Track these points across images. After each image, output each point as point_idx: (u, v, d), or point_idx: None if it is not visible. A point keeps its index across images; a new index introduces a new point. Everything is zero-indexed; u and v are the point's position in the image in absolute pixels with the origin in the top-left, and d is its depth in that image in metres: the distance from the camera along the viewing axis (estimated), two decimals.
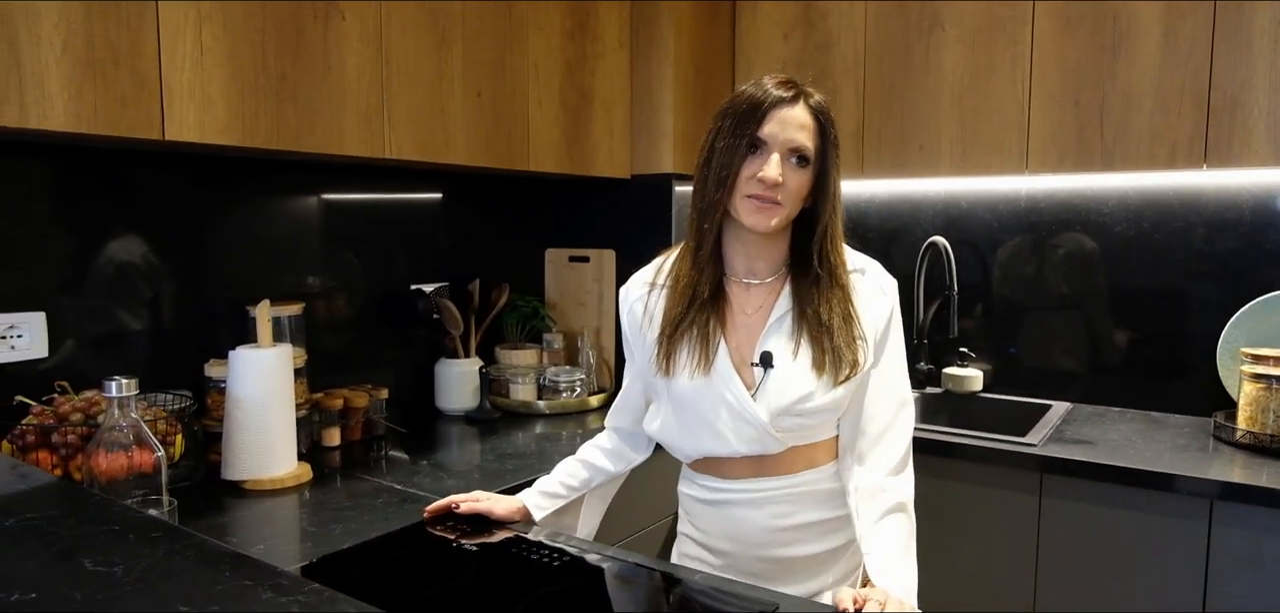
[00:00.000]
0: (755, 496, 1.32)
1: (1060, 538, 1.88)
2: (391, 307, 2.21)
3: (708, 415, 1.29)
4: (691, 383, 1.29)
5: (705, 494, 1.37)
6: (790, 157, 1.23)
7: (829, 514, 1.33)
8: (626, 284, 1.45)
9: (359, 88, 1.68)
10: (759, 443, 1.28)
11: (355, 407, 1.96)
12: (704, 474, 1.37)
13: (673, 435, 1.36)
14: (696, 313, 1.30)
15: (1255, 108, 1.87)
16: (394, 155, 1.75)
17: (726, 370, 1.28)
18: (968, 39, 2.21)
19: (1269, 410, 1.91)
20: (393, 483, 1.67)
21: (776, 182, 1.21)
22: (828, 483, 1.33)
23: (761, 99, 1.23)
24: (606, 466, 1.49)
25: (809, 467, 1.32)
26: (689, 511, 1.43)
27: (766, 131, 1.23)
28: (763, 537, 1.32)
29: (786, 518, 1.31)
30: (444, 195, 2.35)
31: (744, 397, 1.27)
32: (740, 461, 1.31)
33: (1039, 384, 2.44)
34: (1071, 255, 2.37)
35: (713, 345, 1.29)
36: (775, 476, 1.31)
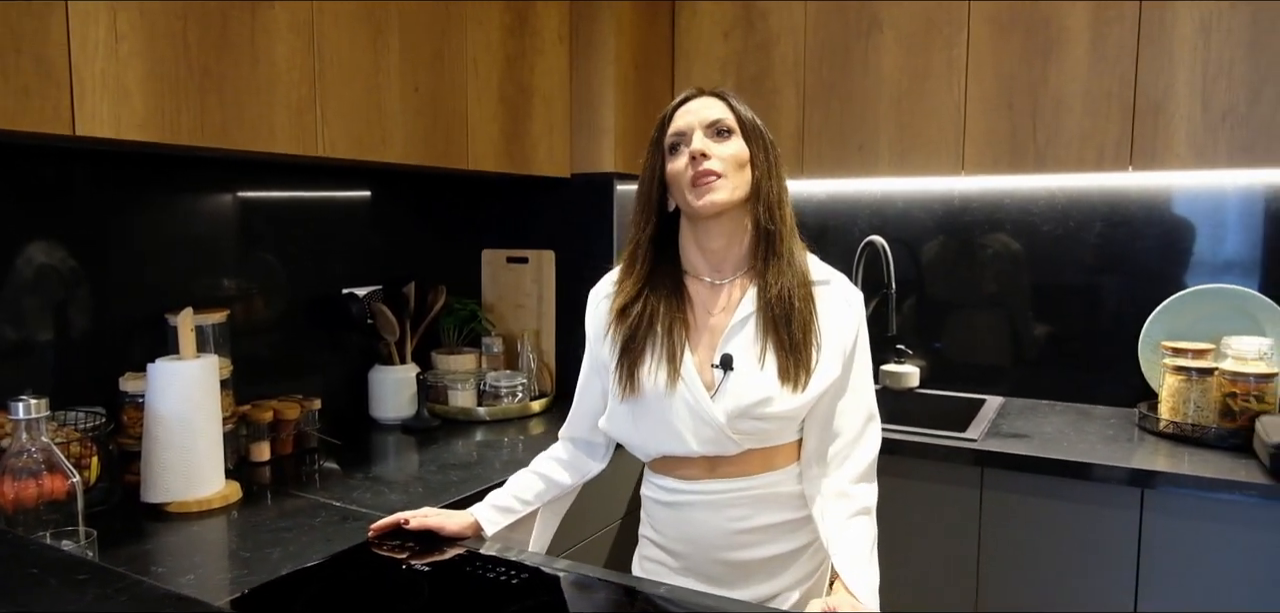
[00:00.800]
0: (712, 497, 1.30)
1: (1000, 530, 1.92)
2: (322, 311, 2.10)
3: (666, 415, 1.28)
4: (655, 391, 1.28)
5: (664, 496, 1.35)
6: (710, 131, 1.26)
7: (788, 517, 1.31)
8: (596, 287, 1.43)
9: (290, 81, 1.58)
10: (716, 444, 1.27)
11: (286, 419, 1.85)
12: (662, 475, 1.36)
13: (630, 433, 1.34)
14: (656, 322, 1.29)
15: (1177, 113, 1.95)
16: (328, 153, 1.65)
17: (688, 372, 1.27)
18: (905, 41, 2.24)
19: (1190, 401, 1.99)
20: (331, 499, 1.58)
21: (703, 153, 1.23)
22: (787, 486, 1.31)
23: (667, 109, 1.32)
24: (562, 478, 1.45)
25: (767, 470, 1.30)
26: (649, 513, 1.41)
27: (679, 125, 1.28)
28: (720, 539, 1.30)
29: (744, 520, 1.30)
30: (375, 194, 2.25)
31: (703, 397, 1.25)
32: (697, 461, 1.30)
33: (972, 380, 2.51)
34: (1001, 254, 2.43)
35: (677, 352, 1.27)
36: (733, 477, 1.29)
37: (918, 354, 2.57)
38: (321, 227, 2.11)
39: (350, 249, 2.19)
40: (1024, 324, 2.43)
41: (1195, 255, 2.21)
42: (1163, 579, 1.78)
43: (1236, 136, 1.90)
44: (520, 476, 1.45)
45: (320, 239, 2.11)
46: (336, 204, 2.16)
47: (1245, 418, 1.90)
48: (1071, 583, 1.86)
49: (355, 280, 2.18)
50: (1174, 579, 1.77)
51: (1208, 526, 1.73)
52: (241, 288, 1.93)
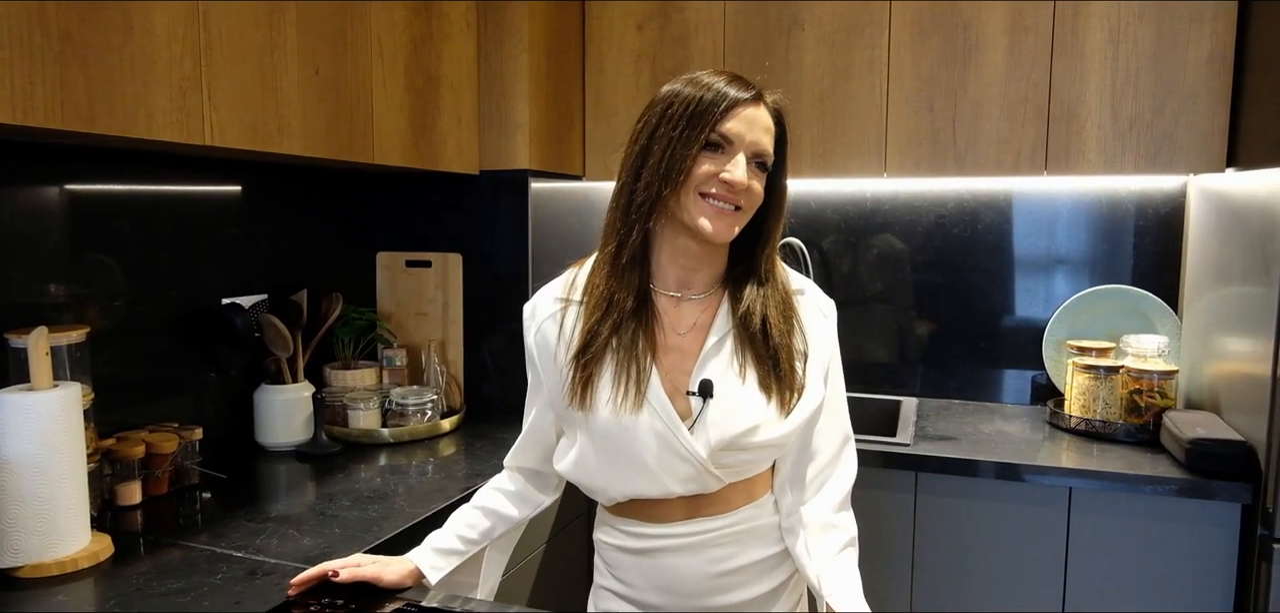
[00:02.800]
0: (691, 540, 1.16)
1: (934, 532, 1.92)
2: (198, 325, 1.82)
3: (635, 452, 1.12)
4: (619, 418, 1.11)
5: (631, 542, 1.20)
6: (753, 160, 1.11)
7: (769, 552, 1.20)
8: (532, 301, 1.25)
9: (171, 54, 1.32)
10: (696, 483, 1.13)
11: (161, 453, 1.58)
12: (628, 519, 1.20)
13: (592, 475, 1.18)
14: (621, 333, 1.13)
15: (1089, 120, 2.02)
16: (217, 142, 1.41)
17: (659, 400, 1.12)
18: (827, 40, 2.21)
19: (1098, 399, 2.07)
20: (231, 549, 1.35)
21: (744, 184, 1.09)
22: (767, 517, 1.20)
23: (722, 95, 1.10)
24: (511, 511, 1.29)
25: (748, 502, 1.18)
26: (610, 561, 1.25)
27: (732, 130, 1.09)
28: (700, 585, 1.17)
29: (726, 562, 1.17)
30: (248, 189, 1.97)
31: (680, 430, 1.11)
32: (672, 502, 1.16)
33: (885, 381, 2.52)
34: (914, 255, 2.46)
35: (645, 373, 1.12)
36: (712, 515, 1.16)
37: None
38: (193, 227, 1.83)
39: (229, 253, 1.91)
40: (935, 325, 2.46)
41: (1093, 256, 2.30)
42: (1089, 574, 1.82)
43: (1142, 144, 1.98)
44: (463, 512, 1.29)
45: (194, 242, 1.83)
46: (209, 201, 1.88)
47: (1151, 413, 1.99)
48: (1003, 581, 1.88)
49: (235, 288, 1.91)
50: (1099, 574, 1.82)
51: (1129, 521, 1.79)
52: (99, 301, 1.63)
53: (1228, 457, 1.72)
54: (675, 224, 1.14)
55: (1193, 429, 1.79)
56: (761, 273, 1.18)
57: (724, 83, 1.11)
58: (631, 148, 1.14)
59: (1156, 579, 1.78)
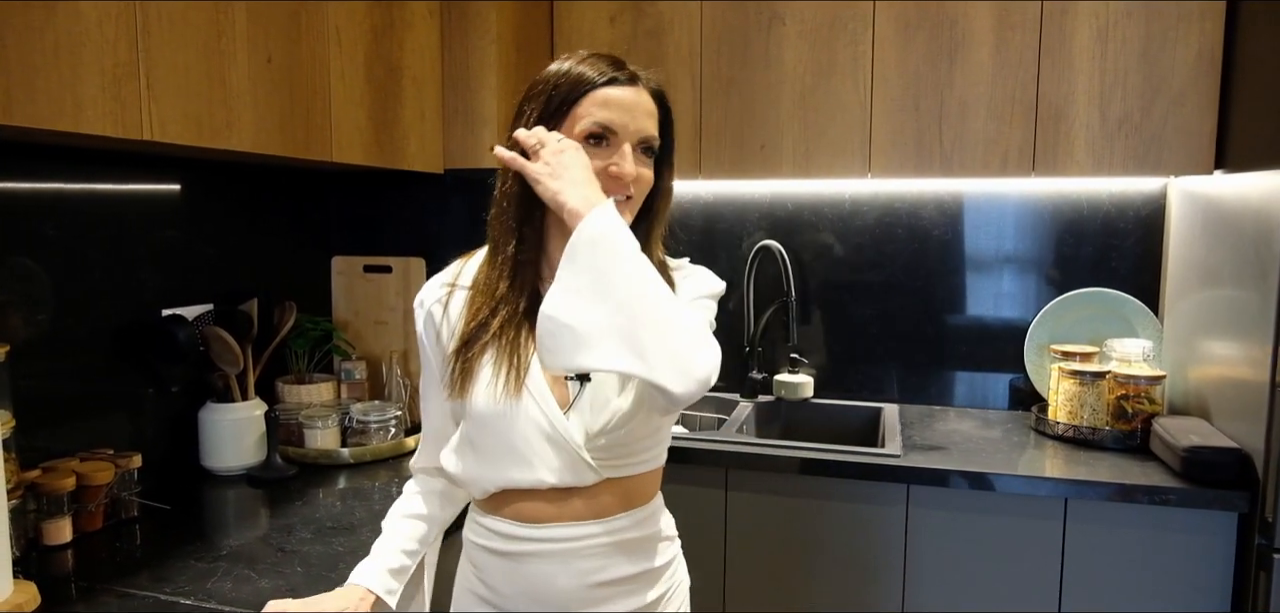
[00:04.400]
0: (561, 547, 1.09)
1: (926, 544, 1.85)
2: (136, 339, 1.65)
3: (510, 438, 1.07)
4: (496, 404, 1.06)
5: (499, 543, 1.12)
6: (639, 147, 1.08)
7: (645, 566, 1.14)
8: (421, 292, 1.17)
9: (102, 39, 1.17)
10: (571, 472, 1.08)
11: (94, 484, 1.41)
12: (498, 517, 1.12)
13: (469, 466, 1.12)
14: (504, 323, 1.08)
15: (1077, 120, 1.97)
16: (159, 137, 1.26)
17: (537, 385, 1.07)
18: (809, 35, 2.13)
19: (1085, 404, 2.03)
20: (177, 594, 1.20)
21: (633, 176, 1.06)
22: (645, 529, 1.15)
23: (592, 79, 1.05)
24: (438, 511, 1.24)
25: (626, 508, 1.12)
26: (477, 562, 1.16)
27: (614, 121, 1.05)
28: (568, 597, 1.10)
29: (598, 573, 1.10)
30: (194, 188, 1.80)
31: (556, 414, 1.07)
32: (545, 497, 1.09)
33: (863, 387, 2.46)
34: (893, 258, 2.40)
35: (526, 361, 1.07)
36: (585, 520, 1.10)
37: (810, 362, 2.49)
38: (130, 230, 1.66)
39: (169, 258, 1.74)
40: (914, 329, 2.40)
41: (1075, 258, 2.27)
42: (1085, 585, 1.77)
43: (1130, 145, 1.94)
44: (397, 524, 1.21)
45: (129, 247, 1.66)
46: (146, 200, 1.71)
47: (1139, 420, 1.95)
48: (998, 594, 1.82)
49: (176, 298, 1.74)
50: (1095, 585, 1.77)
51: (1125, 531, 1.75)
52: (20, 310, 1.45)
53: (1224, 465, 1.69)
54: (562, 228, 1.06)
55: (1187, 437, 1.75)
56: (655, 258, 1.15)
57: (598, 66, 1.07)
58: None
59: (1153, 590, 1.74)
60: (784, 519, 1.94)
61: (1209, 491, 1.68)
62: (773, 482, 1.94)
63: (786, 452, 1.93)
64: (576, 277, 0.95)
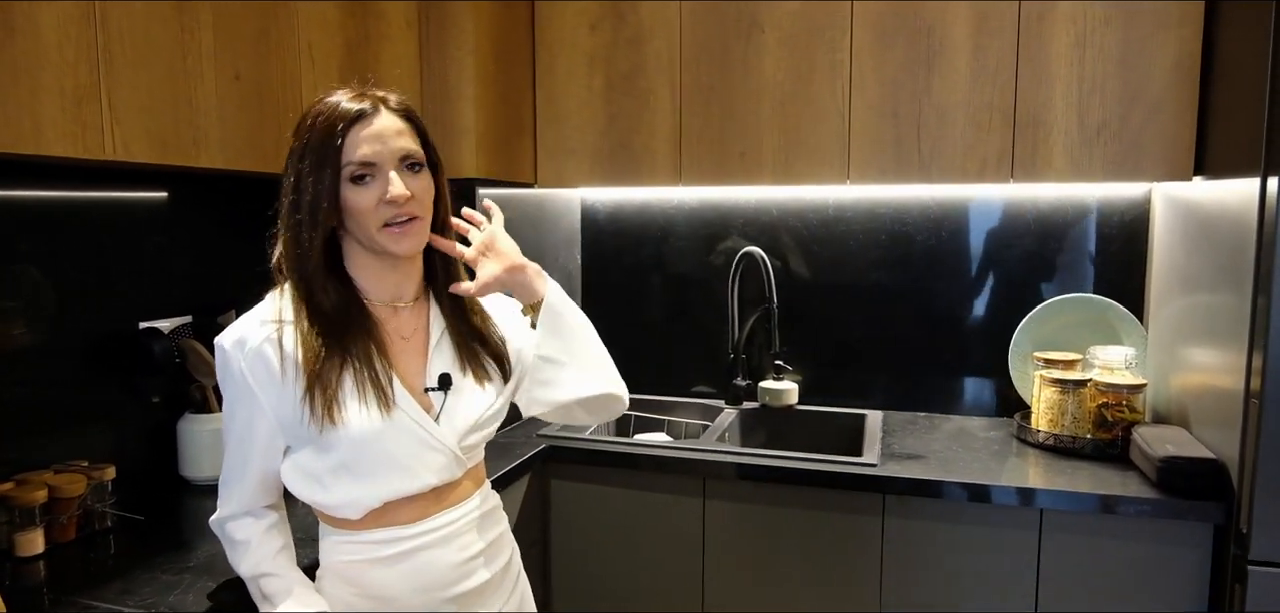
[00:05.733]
0: (442, 532, 1.21)
1: (902, 554, 1.85)
2: (110, 351, 1.67)
3: (390, 453, 1.15)
4: (371, 424, 1.13)
5: (384, 550, 1.18)
6: (402, 166, 1.15)
7: (496, 531, 1.32)
8: (234, 332, 1.17)
9: (62, 62, 1.19)
10: (448, 470, 1.21)
11: (66, 496, 1.44)
12: (377, 528, 1.18)
13: (345, 490, 1.15)
14: (352, 347, 1.15)
15: (1055, 126, 1.96)
16: (120, 157, 1.28)
17: (407, 401, 1.17)
18: (787, 42, 2.13)
19: (1067, 412, 2.02)
20: (139, 607, 1.21)
21: (407, 195, 1.13)
22: (490, 500, 1.33)
23: (338, 120, 1.12)
24: (290, 541, 1.27)
25: (477, 487, 1.29)
26: (355, 578, 1.19)
27: (369, 154, 1.12)
28: (451, 575, 1.22)
29: (470, 548, 1.25)
30: (178, 198, 1.83)
31: (427, 422, 1.18)
32: (421, 501, 1.19)
33: (849, 393, 2.45)
34: (877, 264, 2.39)
35: (386, 378, 1.16)
36: (454, 505, 1.24)
37: (795, 369, 2.49)
38: (105, 240, 1.68)
39: (146, 268, 1.76)
40: (899, 335, 2.40)
41: (1059, 265, 2.26)
42: (1061, 596, 1.76)
43: (1110, 152, 1.93)
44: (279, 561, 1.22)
45: (105, 257, 1.68)
46: (127, 211, 1.73)
47: (1120, 428, 1.94)
48: (974, 601, 1.81)
49: (155, 309, 1.76)
50: (1071, 596, 1.76)
51: (1101, 541, 1.73)
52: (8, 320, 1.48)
53: (1199, 475, 1.68)
54: (361, 247, 1.18)
55: (1163, 446, 1.74)
56: (453, 271, 1.28)
57: (342, 104, 1.14)
58: (285, 186, 1.15)
59: (1130, 600, 1.73)
60: (761, 528, 1.94)
61: (1185, 501, 1.67)
62: (749, 490, 1.94)
63: (762, 460, 1.93)
64: (561, 321, 1.27)
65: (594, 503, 2.06)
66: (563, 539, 2.11)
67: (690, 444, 2.07)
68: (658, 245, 2.59)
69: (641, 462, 2.00)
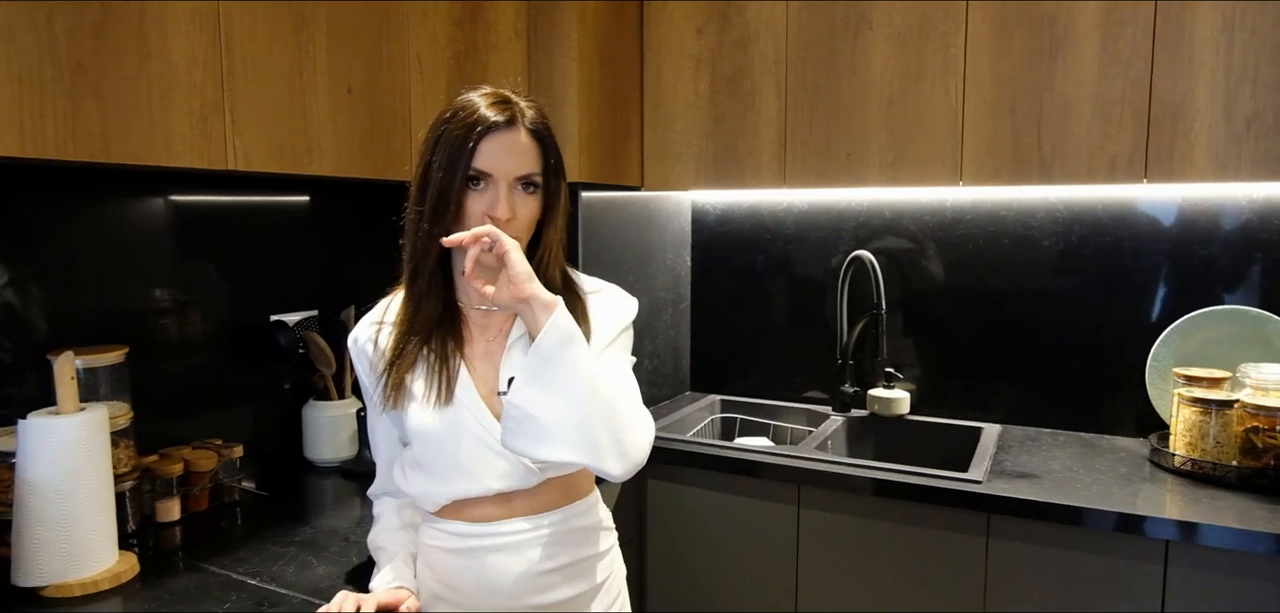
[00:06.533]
0: (511, 539, 1.20)
1: (1008, 582, 1.74)
2: (249, 342, 1.86)
3: (454, 453, 1.18)
4: (432, 416, 1.18)
5: (454, 542, 1.21)
6: (517, 185, 1.16)
7: (587, 553, 1.26)
8: (353, 333, 1.28)
9: (191, 81, 1.33)
10: (514, 477, 1.18)
11: (199, 471, 1.61)
12: (451, 519, 1.22)
13: (419, 483, 1.22)
14: (431, 342, 1.20)
15: (1197, 121, 1.78)
16: (241, 166, 1.41)
17: (472, 401, 1.18)
18: (897, 40, 2.05)
19: (1208, 435, 1.83)
20: (247, 575, 1.34)
21: (506, 218, 1.13)
22: (586, 519, 1.27)
23: (474, 125, 1.13)
24: (414, 518, 1.31)
25: (566, 501, 1.24)
26: (434, 564, 1.24)
27: (488, 164, 1.14)
28: (520, 584, 1.20)
29: (545, 562, 1.21)
30: (311, 206, 2.00)
31: (494, 426, 1.17)
32: (492, 500, 1.20)
33: (966, 405, 2.33)
34: (999, 269, 2.26)
35: (452, 372, 1.19)
36: (530, 514, 1.21)
37: (910, 377, 2.39)
38: (248, 244, 1.87)
39: (282, 269, 1.94)
40: (1022, 345, 2.25)
41: (1206, 273, 2.04)
42: None
43: (1262, 147, 1.73)
44: (393, 539, 1.28)
45: (247, 259, 1.86)
46: (266, 219, 1.91)
47: (1271, 456, 1.74)
48: None
49: (287, 305, 1.94)
50: None
51: (1240, 582, 1.56)
52: (151, 318, 1.68)
53: None
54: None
55: None
56: (550, 279, 1.21)
57: (481, 109, 1.14)
58: (414, 176, 1.18)
59: None
60: (858, 539, 1.88)
61: None
62: (844, 500, 1.88)
63: (855, 470, 1.87)
64: (544, 370, 1.06)
65: (690, 504, 2.07)
66: (658, 538, 2.13)
67: (785, 450, 2.04)
68: (768, 248, 2.56)
69: (737, 466, 1.99)
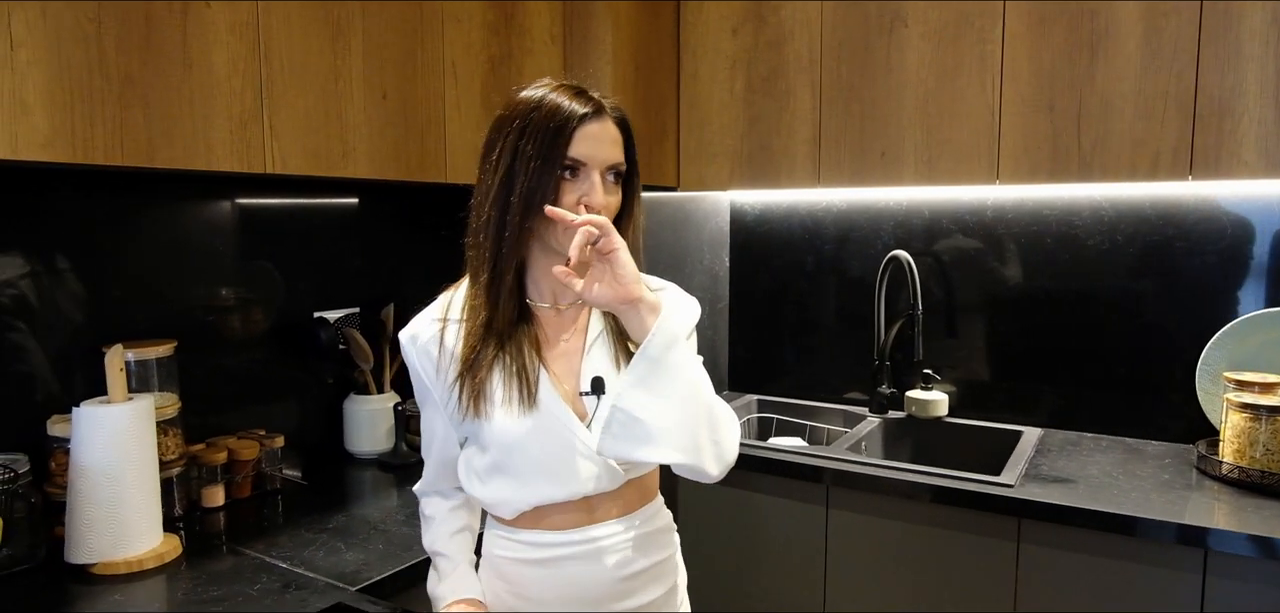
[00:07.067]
0: (592, 546, 1.17)
1: (1040, 589, 1.70)
2: (294, 337, 1.94)
3: (538, 457, 1.14)
4: (517, 423, 1.13)
5: (535, 553, 1.17)
6: (607, 175, 1.14)
7: (664, 555, 1.24)
8: (409, 328, 1.21)
9: (231, 89, 1.40)
10: (605, 480, 1.15)
11: (242, 459, 1.69)
12: (528, 529, 1.18)
13: (501, 489, 1.16)
14: (506, 344, 1.15)
15: (1246, 115, 1.71)
16: (278, 169, 1.48)
17: (555, 404, 1.14)
18: (933, 36, 2.02)
19: (1258, 443, 1.76)
20: (278, 559, 1.41)
21: (603, 205, 1.11)
22: (659, 520, 1.25)
23: (569, 116, 1.10)
24: (472, 520, 1.31)
25: (643, 503, 1.22)
26: (510, 575, 1.20)
27: (583, 152, 1.10)
28: (603, 591, 1.17)
29: (628, 566, 1.18)
30: (359, 208, 2.09)
31: (579, 429, 1.14)
32: (573, 508, 1.16)
33: (1007, 407, 2.28)
34: (1041, 269, 2.20)
35: (533, 376, 1.14)
36: (611, 519, 1.18)
37: (949, 379, 2.35)
38: (294, 244, 1.95)
39: (326, 268, 2.02)
40: (1066, 347, 2.19)
41: (1261, 274, 1.96)
42: None
43: None
44: (450, 544, 1.26)
45: (293, 258, 1.94)
46: (311, 221, 1.99)
47: None
48: None
49: (330, 302, 2.01)
50: None
51: None
52: (202, 315, 1.77)
53: None
54: (543, 245, 1.15)
55: None
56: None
57: (568, 101, 1.11)
58: (492, 173, 1.13)
59: None
60: (887, 541, 1.86)
61: None
62: (872, 502, 1.87)
63: (883, 472, 1.85)
64: (652, 374, 1.04)
65: (721, 502, 2.08)
66: (690, 536, 2.13)
67: (814, 451, 2.03)
68: (807, 248, 2.55)
69: (765, 465, 1.99)
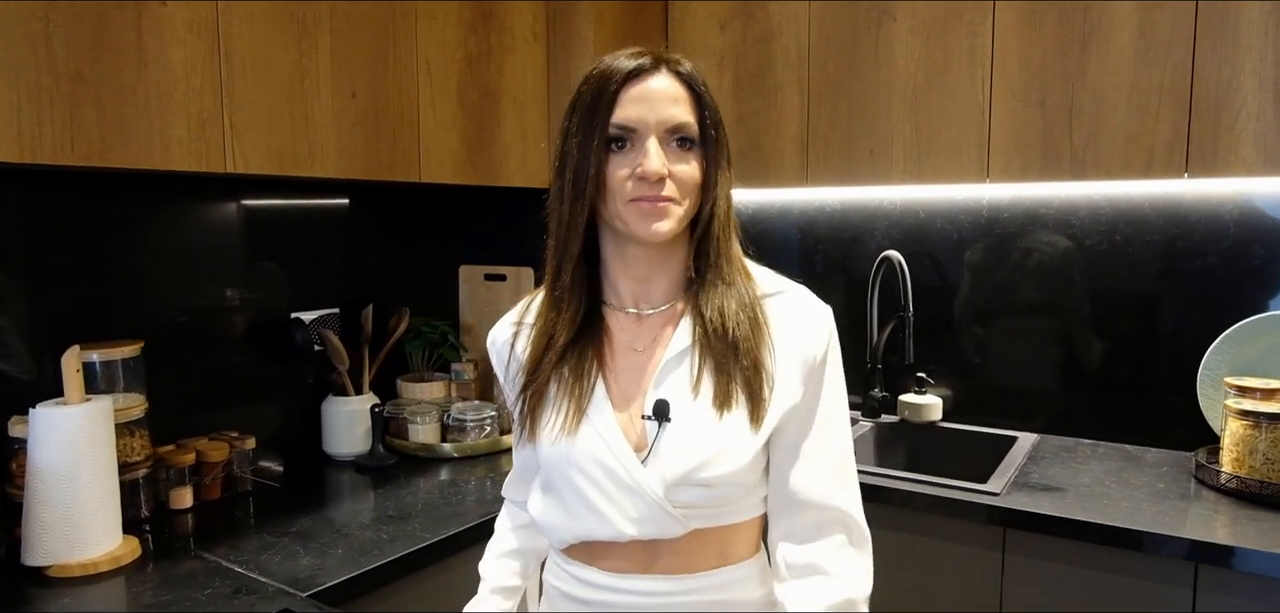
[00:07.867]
0: (645, 600, 0.97)
1: (1025, 601, 1.64)
2: (271, 338, 1.93)
3: (579, 485, 0.97)
4: (560, 440, 0.98)
5: (582, 590, 1.02)
6: (670, 139, 0.94)
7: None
8: (494, 330, 1.12)
9: (189, 88, 1.39)
10: (653, 524, 0.95)
11: (211, 461, 1.68)
12: (581, 564, 1.02)
13: (550, 513, 1.03)
14: (567, 358, 0.99)
15: (1243, 110, 1.64)
16: (240, 169, 1.47)
17: (604, 421, 0.96)
18: (922, 31, 1.97)
19: (1257, 451, 1.68)
20: (234, 563, 1.39)
21: (661, 173, 0.92)
22: (746, 590, 1.00)
23: (608, 78, 0.93)
24: (530, 543, 1.17)
25: (722, 564, 0.99)
26: (555, 606, 1.08)
27: (630, 116, 0.93)
28: None
29: None
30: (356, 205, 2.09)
31: (631, 461, 0.95)
32: (629, 548, 0.98)
33: (1003, 412, 2.21)
34: (1037, 271, 2.14)
35: (588, 393, 0.98)
36: (675, 574, 0.97)
37: (944, 383, 2.29)
38: (272, 243, 1.94)
39: (305, 268, 2.01)
40: (1063, 352, 2.12)
41: (1267, 275, 1.88)
42: None
43: None
44: (491, 565, 1.17)
45: (271, 258, 1.94)
46: (289, 219, 1.98)
47: None
48: None
49: (309, 302, 2.00)
50: None
51: None
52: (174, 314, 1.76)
53: None
54: (615, 232, 0.99)
55: None
56: (724, 273, 0.99)
57: (617, 60, 0.95)
58: (554, 164, 1.00)
59: None
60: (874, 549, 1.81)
61: None
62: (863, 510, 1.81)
63: (870, 479, 1.80)
64: None
65: None
66: None
67: None
68: (800, 248, 2.50)
69: None
